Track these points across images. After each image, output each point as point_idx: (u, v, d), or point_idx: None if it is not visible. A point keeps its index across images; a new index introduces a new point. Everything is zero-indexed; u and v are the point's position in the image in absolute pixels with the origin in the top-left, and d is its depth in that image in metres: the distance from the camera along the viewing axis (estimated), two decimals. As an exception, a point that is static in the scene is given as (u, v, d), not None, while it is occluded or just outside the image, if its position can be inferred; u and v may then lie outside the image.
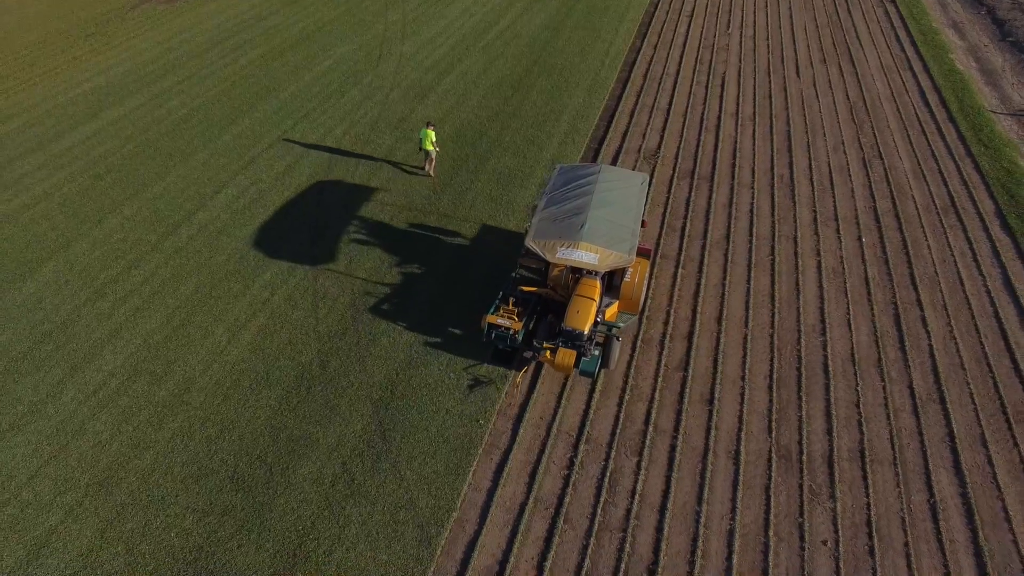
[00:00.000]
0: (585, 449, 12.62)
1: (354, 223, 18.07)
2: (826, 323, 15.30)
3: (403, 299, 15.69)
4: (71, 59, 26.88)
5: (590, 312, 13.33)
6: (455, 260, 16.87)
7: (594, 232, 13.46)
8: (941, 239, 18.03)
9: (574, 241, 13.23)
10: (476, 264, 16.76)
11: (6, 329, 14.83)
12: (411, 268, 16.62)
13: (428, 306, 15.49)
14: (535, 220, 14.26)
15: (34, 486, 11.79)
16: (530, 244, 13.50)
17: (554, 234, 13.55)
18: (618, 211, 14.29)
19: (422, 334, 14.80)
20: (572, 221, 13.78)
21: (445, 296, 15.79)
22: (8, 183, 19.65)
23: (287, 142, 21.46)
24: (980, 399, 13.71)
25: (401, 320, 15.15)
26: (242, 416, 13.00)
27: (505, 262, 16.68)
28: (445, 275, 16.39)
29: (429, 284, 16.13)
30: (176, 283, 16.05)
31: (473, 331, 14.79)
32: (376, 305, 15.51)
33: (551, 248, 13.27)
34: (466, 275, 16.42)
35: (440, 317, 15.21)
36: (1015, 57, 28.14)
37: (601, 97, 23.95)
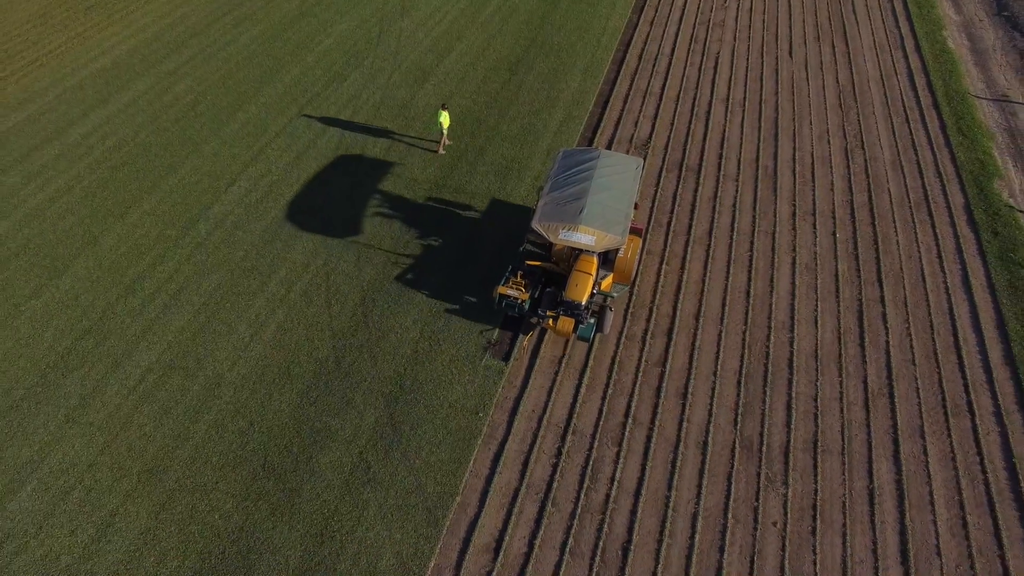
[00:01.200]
0: (572, 440, 14.37)
1: (359, 218, 19.24)
2: (795, 320, 16.79)
3: (407, 295, 17.10)
4: (74, 36, 27.15)
5: (587, 285, 15.33)
6: (454, 256, 18.17)
7: (592, 216, 15.34)
8: (910, 234, 19.27)
9: (574, 224, 15.16)
10: (473, 262, 18.08)
11: (49, 326, 16.32)
12: (416, 263, 17.94)
13: (429, 305, 16.91)
14: (540, 203, 16.04)
15: (94, 473, 13.60)
16: (536, 226, 15.43)
17: (557, 217, 15.45)
18: (614, 196, 16.07)
19: (426, 330, 16.30)
20: (573, 205, 15.62)
21: (448, 289, 17.19)
22: (31, 174, 20.66)
23: (293, 131, 22.30)
24: (924, 393, 15.38)
25: (406, 316, 16.60)
26: (268, 409, 14.69)
27: (495, 260, 18.01)
28: (448, 269, 17.74)
29: (434, 278, 17.50)
30: (199, 279, 17.43)
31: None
32: (383, 302, 16.93)
33: (554, 230, 15.26)
34: (466, 272, 17.77)
35: (440, 316, 16.66)
36: (1007, 34, 28.39)
37: (596, 80, 24.54)
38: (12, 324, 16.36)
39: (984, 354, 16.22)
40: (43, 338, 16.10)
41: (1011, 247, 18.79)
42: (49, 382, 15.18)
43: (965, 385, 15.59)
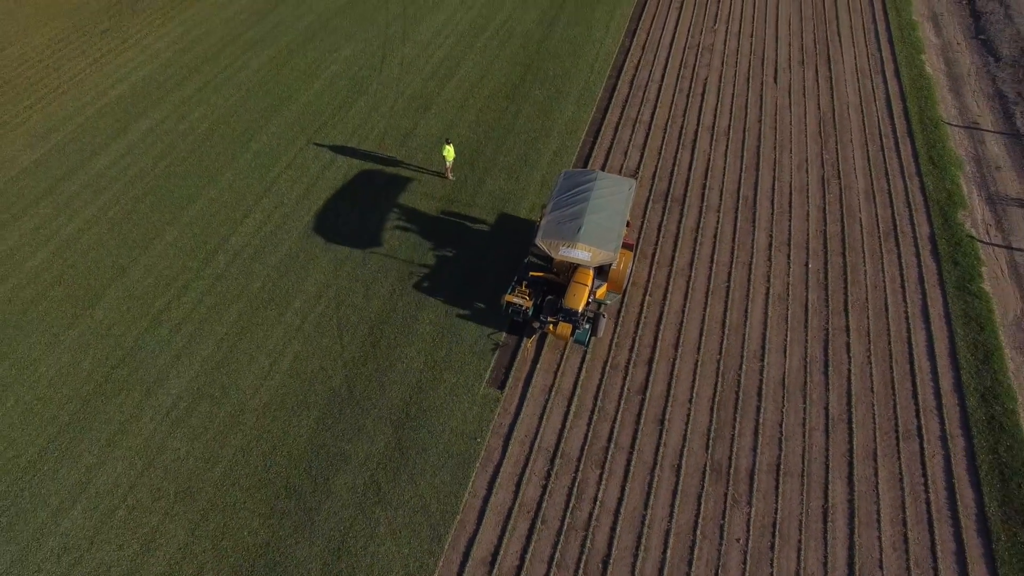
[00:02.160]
0: (560, 463, 16.05)
1: (366, 250, 20.76)
2: (766, 349, 18.39)
3: (411, 326, 18.68)
4: (92, 62, 28.44)
5: (583, 295, 17.49)
6: (456, 284, 19.72)
7: (588, 234, 17.49)
8: (877, 264, 20.79)
9: (573, 242, 17.34)
10: (475, 288, 19.64)
11: (87, 355, 17.96)
12: (419, 294, 19.49)
13: (431, 335, 18.49)
14: (543, 222, 18.15)
15: (135, 494, 15.32)
16: (539, 242, 17.61)
17: (557, 235, 17.60)
18: (608, 216, 18.14)
19: (429, 360, 17.91)
20: (571, 224, 17.73)
21: (449, 319, 18.76)
22: (61, 205, 22.16)
23: (303, 161, 23.71)
24: (879, 419, 17.03)
25: (411, 347, 18.20)
26: (289, 435, 16.36)
27: (494, 286, 19.60)
28: (449, 297, 19.30)
29: (435, 311, 19.07)
30: (221, 311, 19.02)
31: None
32: (390, 333, 18.52)
33: (555, 247, 17.45)
34: (468, 299, 19.33)
35: (442, 346, 18.25)
36: (982, 59, 29.58)
37: (589, 109, 25.89)
38: (54, 353, 18.00)
39: (936, 381, 17.85)
40: (82, 367, 17.75)
41: (969, 277, 20.32)
42: (90, 409, 16.85)
43: (916, 411, 17.23)
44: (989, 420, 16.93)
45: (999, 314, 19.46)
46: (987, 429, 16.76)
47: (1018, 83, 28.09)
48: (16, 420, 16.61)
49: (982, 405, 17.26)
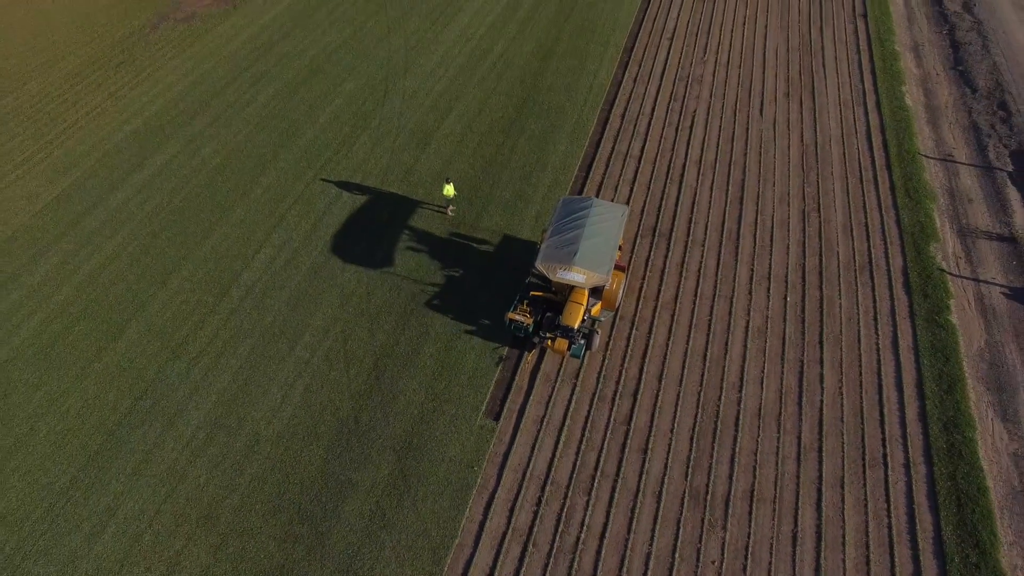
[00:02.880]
0: (550, 490, 17.37)
1: (371, 284, 22.07)
2: (744, 380, 19.68)
3: (413, 359, 20.00)
4: (108, 96, 29.78)
5: (579, 314, 19.33)
6: (453, 323, 21.03)
7: (583, 259, 19.37)
8: (852, 298, 22.05)
9: (569, 265, 19.24)
10: (471, 332, 20.96)
11: (112, 387, 19.31)
12: (421, 326, 20.80)
13: (432, 369, 19.81)
14: (543, 246, 20.02)
15: (160, 519, 16.67)
16: (539, 266, 19.60)
17: (555, 259, 19.53)
18: (602, 241, 19.92)
19: (430, 392, 19.23)
20: (568, 249, 19.56)
21: (449, 353, 20.07)
22: (83, 240, 23.52)
23: (310, 196, 25.03)
24: (848, 447, 18.32)
25: (412, 379, 19.53)
26: (300, 463, 17.69)
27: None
28: (447, 338, 20.61)
29: (437, 344, 20.39)
30: (235, 344, 20.36)
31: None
32: (393, 366, 19.85)
33: (553, 269, 19.39)
34: (466, 334, 20.65)
35: (442, 379, 19.57)
36: (959, 90, 30.80)
37: (581, 144, 27.17)
38: (81, 385, 19.36)
39: (902, 411, 19.13)
40: (107, 398, 19.11)
41: (937, 310, 21.59)
42: (117, 439, 18.21)
43: (883, 439, 18.53)
44: (949, 448, 18.23)
45: (964, 345, 20.74)
46: (947, 457, 18.06)
47: (992, 115, 29.31)
48: (49, 449, 17.98)
49: (944, 434, 18.55)
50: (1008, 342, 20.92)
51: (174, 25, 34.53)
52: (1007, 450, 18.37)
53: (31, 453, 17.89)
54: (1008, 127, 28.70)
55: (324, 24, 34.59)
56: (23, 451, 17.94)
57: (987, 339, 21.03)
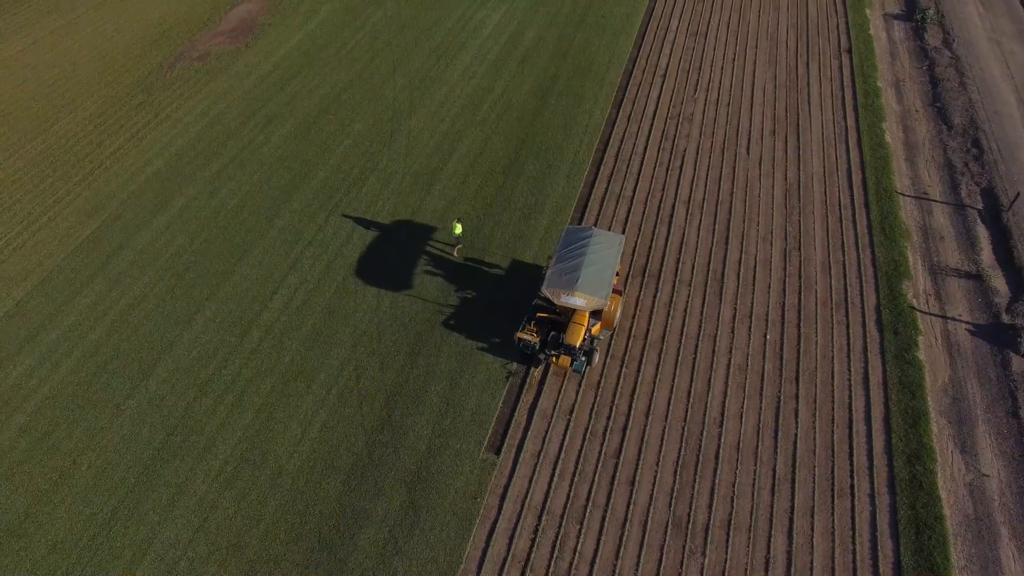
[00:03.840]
0: (546, 519, 19.12)
1: (381, 324, 23.81)
2: (725, 416, 21.39)
3: (421, 396, 21.75)
4: (130, 136, 31.56)
5: (580, 334, 21.67)
6: (458, 362, 22.77)
7: (584, 285, 21.55)
8: (828, 335, 23.73)
9: (572, 291, 21.38)
10: (475, 369, 22.69)
11: (146, 423, 21.10)
12: (427, 366, 22.53)
13: (438, 406, 21.55)
14: (548, 273, 22.22)
15: (194, 547, 18.45)
16: (544, 291, 21.82)
17: (559, 285, 21.75)
18: (601, 268, 22.10)
19: (437, 428, 20.98)
20: (571, 276, 21.78)
21: (454, 390, 21.82)
22: (112, 281, 25.30)
23: (323, 239, 26.76)
24: (819, 478, 20.02)
25: (420, 416, 21.27)
26: (319, 495, 19.46)
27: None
28: (452, 376, 22.35)
29: (442, 382, 22.13)
30: (257, 383, 22.13)
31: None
32: (403, 403, 21.60)
33: (557, 294, 21.68)
34: (470, 378, 22.39)
35: (447, 416, 21.32)
36: (936, 127, 32.43)
37: (577, 185, 28.89)
38: (117, 423, 21.15)
39: (870, 444, 20.83)
40: (141, 434, 20.89)
41: (906, 347, 23.27)
42: (152, 472, 19.99)
43: (851, 471, 20.23)
44: (911, 479, 19.93)
45: (930, 381, 22.43)
46: (909, 488, 19.76)
47: (965, 153, 30.95)
48: (91, 482, 19.78)
49: (907, 466, 20.25)
50: (970, 377, 22.60)
51: (189, 64, 36.29)
52: (963, 480, 20.07)
53: (75, 486, 19.70)
54: (980, 164, 30.33)
55: (332, 62, 36.33)
56: (68, 484, 19.75)
57: (951, 375, 22.71)
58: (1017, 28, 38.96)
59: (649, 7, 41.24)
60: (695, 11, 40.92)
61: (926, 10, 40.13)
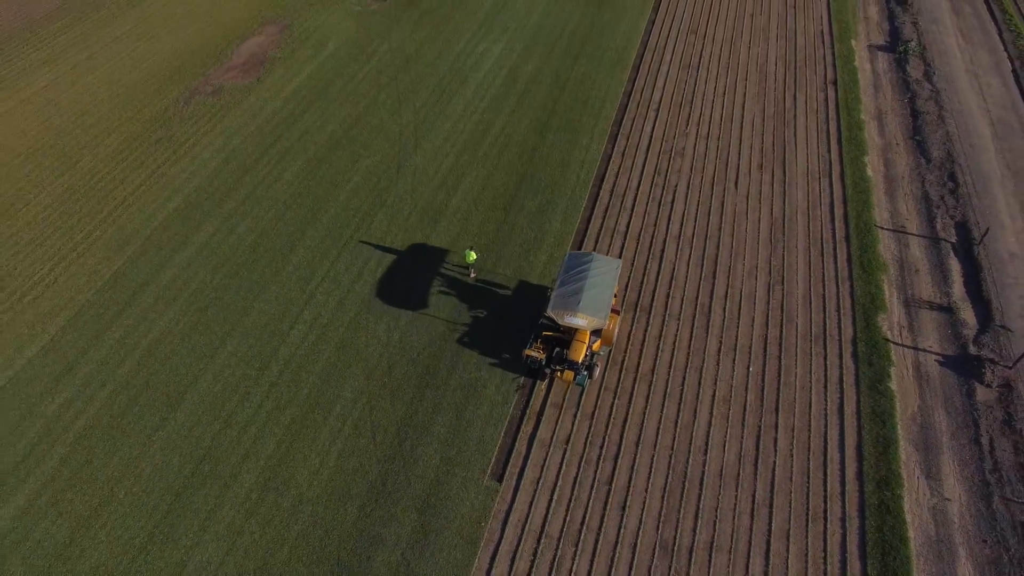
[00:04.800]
0: (544, 542, 20.91)
1: (392, 358, 25.58)
2: (709, 444, 23.16)
3: (429, 427, 23.53)
4: (151, 173, 33.34)
5: (582, 350, 23.87)
6: (463, 395, 24.55)
7: (585, 306, 23.65)
8: (807, 367, 25.48)
9: (574, 311, 23.35)
10: (477, 409, 24.47)
11: (176, 453, 22.90)
12: (434, 398, 24.31)
13: (446, 436, 23.33)
14: (553, 295, 24.27)
15: (225, 569, 20.27)
16: (549, 312, 23.91)
17: (563, 306, 23.83)
18: (600, 291, 24.18)
19: (444, 457, 22.77)
20: (573, 298, 23.88)
21: (460, 421, 23.59)
22: (139, 316, 27.11)
23: (336, 274, 28.54)
24: (795, 503, 21.79)
25: (428, 446, 23.06)
26: (338, 521, 21.26)
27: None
28: (458, 407, 24.14)
29: (449, 414, 23.92)
30: (277, 414, 23.92)
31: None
32: (413, 434, 23.39)
33: (560, 315, 23.84)
34: (474, 410, 24.16)
35: (454, 446, 23.10)
36: (916, 160, 34.14)
37: (574, 221, 30.66)
38: (149, 452, 22.97)
39: (843, 471, 22.60)
40: (172, 463, 22.70)
41: (879, 378, 25.02)
42: (183, 499, 21.81)
43: (825, 496, 22.01)
44: (880, 504, 21.71)
45: (900, 410, 24.19)
46: (878, 512, 21.54)
47: (942, 186, 32.67)
48: (128, 509, 21.60)
49: (876, 491, 22.02)
50: (938, 407, 24.36)
51: (204, 99, 38.05)
52: (927, 504, 21.84)
53: (113, 512, 21.52)
54: (955, 198, 32.05)
55: (340, 97, 38.09)
56: (107, 511, 21.57)
57: (920, 404, 24.47)
58: (994, 60, 40.68)
59: (644, 39, 42.99)
60: (688, 43, 42.64)
61: (908, 42, 41.84)
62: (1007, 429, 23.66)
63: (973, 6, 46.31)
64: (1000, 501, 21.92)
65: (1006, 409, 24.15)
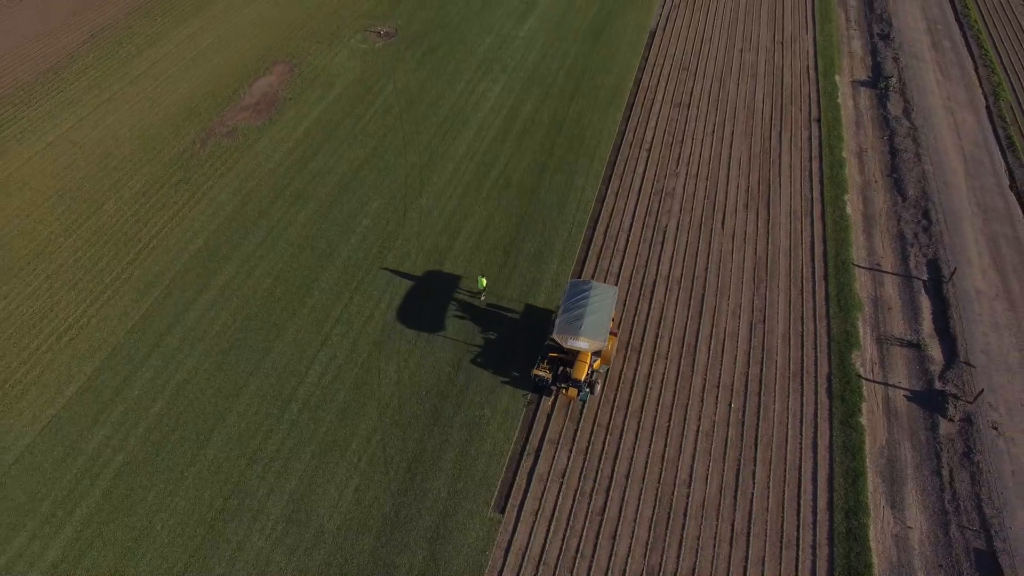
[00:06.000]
0: (542, 569, 23.10)
1: (402, 397, 27.76)
2: (693, 477, 25.33)
3: (438, 463, 25.72)
4: (172, 216, 35.53)
5: (584, 369, 26.67)
6: (469, 430, 26.74)
7: (587, 330, 26.38)
8: (784, 403, 27.63)
9: (576, 335, 26.00)
10: (482, 444, 26.65)
11: (206, 488, 25.11)
12: (442, 435, 26.49)
13: (453, 471, 25.51)
14: (557, 321, 26.83)
15: (254, 599, 22.50)
16: (554, 336, 26.59)
17: (566, 331, 26.67)
18: (600, 316, 26.82)
19: (452, 490, 24.96)
20: (576, 323, 26.46)
21: (466, 455, 25.75)
22: (168, 357, 29.31)
23: (348, 317, 30.72)
24: (770, 532, 23.96)
25: (437, 480, 25.24)
26: (356, 551, 23.46)
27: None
28: (463, 444, 26.32)
29: (455, 450, 26.10)
30: (298, 451, 26.12)
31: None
32: (423, 469, 25.58)
33: (564, 338, 26.65)
34: (479, 445, 26.35)
35: (460, 479, 25.27)
36: (892, 198, 36.27)
37: (570, 263, 32.87)
38: (182, 487, 25.18)
39: (815, 501, 24.77)
40: (203, 498, 24.91)
41: (851, 413, 27.18)
42: (215, 531, 24.02)
43: (798, 525, 24.19)
44: (848, 532, 23.88)
45: (869, 443, 26.36)
46: (845, 539, 23.72)
47: (916, 224, 34.79)
48: (166, 540, 23.81)
49: (845, 520, 24.20)
50: (904, 440, 26.53)
51: (220, 140, 40.23)
52: (891, 532, 24.01)
53: (153, 543, 23.72)
54: (928, 236, 34.18)
55: (349, 138, 40.26)
56: (146, 542, 23.77)
57: (888, 437, 26.64)
58: (969, 96, 42.80)
59: (637, 77, 45.13)
60: (679, 80, 44.76)
61: (889, 78, 43.94)
62: (966, 461, 25.82)
63: (952, 40, 48.43)
64: (956, 528, 24.10)
65: (965, 442, 26.31)
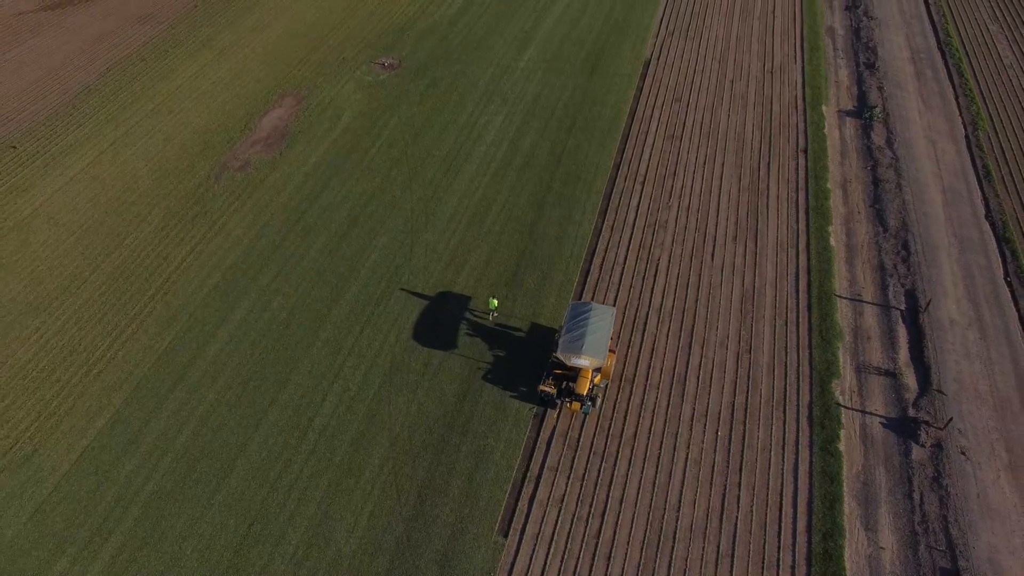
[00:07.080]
0: (543, 592, 25.11)
1: (412, 427, 29.72)
2: (681, 502, 27.28)
3: (445, 490, 27.69)
4: (191, 250, 37.51)
5: (586, 384, 29.22)
6: (474, 457, 28.69)
7: (588, 349, 28.62)
8: (768, 430, 29.58)
9: (578, 353, 28.27)
10: (487, 471, 28.60)
11: (232, 515, 27.08)
12: (448, 463, 28.44)
13: (461, 497, 27.46)
14: (560, 341, 29.04)
15: (278, 619, 24.48)
16: (558, 354, 28.90)
17: (569, 349, 28.90)
18: (599, 336, 29.04)
19: (460, 515, 26.92)
20: (578, 342, 28.64)
21: (472, 482, 27.70)
22: (191, 389, 31.29)
23: (360, 350, 32.68)
24: (753, 553, 25.92)
25: (445, 506, 27.22)
26: (371, 573, 25.42)
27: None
28: (470, 471, 28.27)
29: (462, 478, 28.05)
30: (316, 479, 28.09)
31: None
32: (432, 496, 27.55)
33: (567, 357, 28.76)
34: (484, 472, 28.30)
35: (467, 505, 27.23)
36: (874, 229, 38.19)
37: (568, 296, 34.83)
38: (209, 514, 27.15)
39: (795, 524, 26.73)
40: (229, 524, 26.89)
41: (830, 439, 29.13)
42: (240, 555, 26.00)
43: (778, 546, 26.15)
44: (824, 553, 25.84)
45: (846, 469, 28.31)
46: (822, 560, 25.68)
47: (896, 255, 36.71)
48: (195, 563, 25.79)
49: (822, 542, 26.17)
50: (879, 465, 28.48)
51: (233, 175, 42.20)
52: (865, 553, 25.98)
53: (183, 568, 25.70)
54: (907, 266, 36.11)
55: (356, 172, 42.24)
56: (177, 567, 25.75)
57: (864, 463, 28.59)
58: (950, 126, 44.74)
59: (632, 108, 47.10)
60: (672, 111, 46.71)
61: (873, 107, 45.87)
62: (935, 485, 27.77)
63: (934, 69, 50.36)
64: (925, 549, 26.05)
65: (936, 467, 28.27)
